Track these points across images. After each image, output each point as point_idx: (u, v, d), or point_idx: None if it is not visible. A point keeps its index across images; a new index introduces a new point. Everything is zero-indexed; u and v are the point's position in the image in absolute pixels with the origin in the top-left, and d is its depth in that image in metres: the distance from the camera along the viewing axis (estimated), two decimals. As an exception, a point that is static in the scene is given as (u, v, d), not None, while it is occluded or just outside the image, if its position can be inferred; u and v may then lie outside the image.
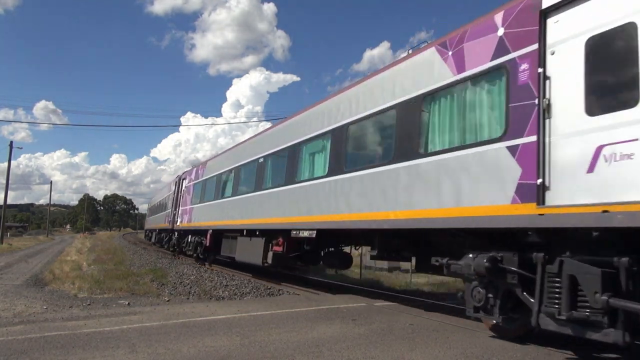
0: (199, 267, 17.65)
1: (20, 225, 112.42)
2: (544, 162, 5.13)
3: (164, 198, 30.57)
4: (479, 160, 6.00)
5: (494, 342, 6.29)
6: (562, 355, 5.72)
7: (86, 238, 52.86)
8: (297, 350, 5.61)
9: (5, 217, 45.69)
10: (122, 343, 5.74)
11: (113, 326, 6.74)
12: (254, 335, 6.36)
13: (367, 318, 7.87)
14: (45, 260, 21.22)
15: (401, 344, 6.04)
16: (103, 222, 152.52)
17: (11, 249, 31.00)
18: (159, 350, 5.44)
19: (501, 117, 5.83)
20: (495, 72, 5.98)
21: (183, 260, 21.21)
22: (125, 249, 29.18)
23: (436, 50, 7.07)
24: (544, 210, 5.03)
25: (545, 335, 5.94)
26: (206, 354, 5.36)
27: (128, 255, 23.76)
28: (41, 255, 25.45)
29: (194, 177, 21.70)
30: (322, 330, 6.79)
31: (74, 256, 22.46)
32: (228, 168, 16.38)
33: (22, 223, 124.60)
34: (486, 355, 5.56)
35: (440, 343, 6.12)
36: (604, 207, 4.43)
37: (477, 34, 6.34)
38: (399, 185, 7.36)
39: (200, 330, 6.58)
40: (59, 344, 5.61)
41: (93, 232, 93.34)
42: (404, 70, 7.84)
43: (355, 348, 5.75)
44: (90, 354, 5.23)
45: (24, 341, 5.76)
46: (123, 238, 56.77)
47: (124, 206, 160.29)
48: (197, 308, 8.67)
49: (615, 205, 4.37)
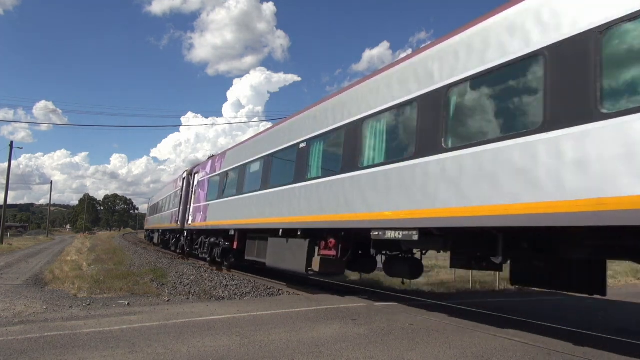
0: (199, 267, 17.59)
1: (20, 225, 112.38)
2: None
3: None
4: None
5: (494, 342, 6.29)
6: (561, 354, 5.72)
7: (86, 238, 52.87)
8: (297, 350, 5.61)
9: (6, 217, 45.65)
10: (122, 343, 5.74)
11: (113, 326, 6.74)
12: (254, 335, 6.36)
13: (367, 318, 7.87)
14: (45, 260, 21.21)
15: (401, 344, 6.04)
16: (103, 222, 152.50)
17: (11, 249, 30.98)
18: (158, 350, 5.44)
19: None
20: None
21: (193, 263, 19.96)
22: (125, 249, 29.17)
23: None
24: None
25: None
26: (206, 354, 5.36)
27: (128, 255, 23.74)
28: (41, 255, 25.44)
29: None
30: (322, 330, 6.79)
31: (74, 256, 22.44)
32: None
33: (22, 223, 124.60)
34: (486, 355, 5.56)
35: (440, 343, 6.12)
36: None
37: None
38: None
39: (200, 330, 6.58)
40: (59, 344, 5.61)
41: (93, 232, 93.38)
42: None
43: (355, 348, 5.75)
44: (90, 354, 5.23)
45: (23, 341, 5.75)
46: (123, 238, 56.76)
47: (124, 206, 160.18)
48: (197, 308, 8.66)
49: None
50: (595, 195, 4.56)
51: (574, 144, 4.79)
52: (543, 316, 8.24)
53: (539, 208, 5.07)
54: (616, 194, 4.40)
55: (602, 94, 4.64)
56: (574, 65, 4.94)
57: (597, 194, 4.55)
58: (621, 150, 4.37)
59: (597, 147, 4.58)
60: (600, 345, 6.25)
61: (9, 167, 41.66)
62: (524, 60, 5.55)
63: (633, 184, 4.27)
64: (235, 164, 15.77)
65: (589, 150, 4.64)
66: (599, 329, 7.41)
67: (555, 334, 7.01)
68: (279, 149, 12.31)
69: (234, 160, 16.00)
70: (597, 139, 4.59)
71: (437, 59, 6.97)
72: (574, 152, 4.78)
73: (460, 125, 6.58)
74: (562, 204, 4.85)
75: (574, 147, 4.79)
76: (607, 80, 4.67)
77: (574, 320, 8.47)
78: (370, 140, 8.41)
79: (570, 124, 4.86)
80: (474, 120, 6.37)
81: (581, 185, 4.69)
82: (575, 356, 5.70)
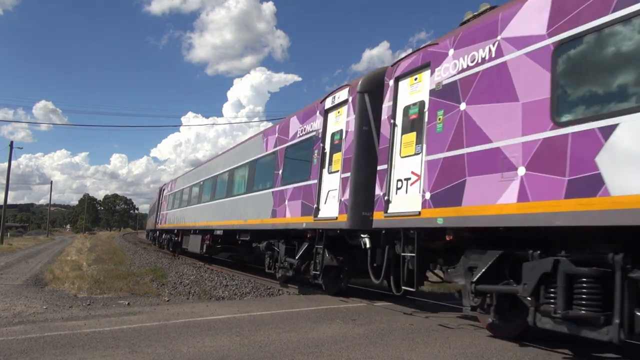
0: (198, 267, 17.66)
1: (20, 225, 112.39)
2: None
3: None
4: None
5: (494, 342, 6.29)
6: (561, 355, 5.72)
7: (86, 238, 52.87)
8: (297, 350, 5.61)
9: (6, 217, 45.65)
10: (122, 343, 5.74)
11: (113, 326, 6.74)
12: (254, 335, 6.36)
13: (367, 318, 7.87)
14: (45, 260, 21.20)
15: (401, 344, 6.04)
16: (103, 222, 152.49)
17: (11, 249, 30.98)
18: (158, 350, 5.44)
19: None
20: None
21: (192, 263, 20.80)
22: (125, 249, 29.17)
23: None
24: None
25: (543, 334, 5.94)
26: (206, 354, 5.36)
27: (128, 255, 23.73)
28: (41, 255, 25.44)
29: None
30: (321, 330, 6.79)
31: (74, 256, 22.43)
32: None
33: (22, 223, 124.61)
34: (486, 355, 5.56)
35: (440, 343, 6.12)
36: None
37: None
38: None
39: (200, 330, 6.58)
40: (59, 344, 5.61)
41: (93, 232, 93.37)
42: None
43: (355, 348, 5.75)
44: (90, 354, 5.23)
45: (23, 341, 5.76)
46: (123, 238, 56.75)
47: (124, 206, 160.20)
48: (197, 308, 8.67)
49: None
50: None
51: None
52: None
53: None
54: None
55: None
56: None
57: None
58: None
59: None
60: (600, 345, 6.24)
61: (9, 167, 41.72)
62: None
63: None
64: (180, 187, 25.42)
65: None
66: (598, 329, 7.39)
67: (555, 333, 7.00)
68: (193, 183, 22.19)
69: (180, 184, 25.78)
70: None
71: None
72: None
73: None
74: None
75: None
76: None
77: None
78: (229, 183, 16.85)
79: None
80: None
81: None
82: (575, 356, 5.70)
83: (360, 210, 8.47)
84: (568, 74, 5.06)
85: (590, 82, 4.87)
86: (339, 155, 9.30)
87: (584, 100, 4.85)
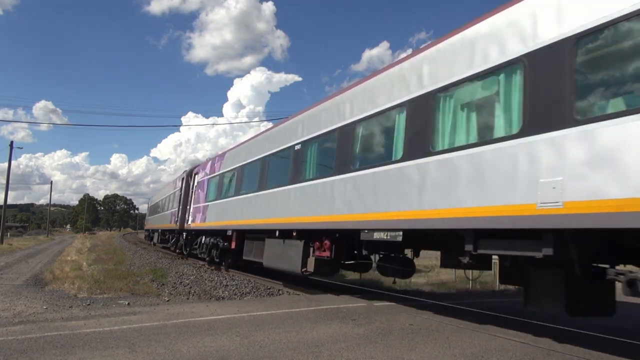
0: (198, 267, 17.59)
1: (20, 225, 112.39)
2: None
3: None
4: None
5: (494, 342, 6.29)
6: (561, 355, 5.72)
7: (86, 238, 52.89)
8: (297, 350, 5.61)
9: (6, 217, 45.66)
10: (122, 343, 5.74)
11: (113, 326, 6.74)
12: (254, 335, 6.37)
13: (367, 318, 7.87)
14: (45, 260, 21.21)
15: (401, 344, 6.05)
16: (103, 222, 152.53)
17: (11, 249, 30.99)
18: (158, 350, 5.44)
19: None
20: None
21: (192, 263, 19.92)
22: (125, 249, 29.18)
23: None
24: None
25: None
26: (206, 354, 5.36)
27: (128, 255, 23.74)
28: (41, 255, 25.44)
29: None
30: (321, 330, 6.79)
31: (74, 256, 22.44)
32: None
33: (22, 223, 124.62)
34: (486, 355, 5.56)
35: (440, 343, 6.13)
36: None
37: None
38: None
39: (200, 330, 6.59)
40: (59, 344, 5.61)
41: (93, 232, 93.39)
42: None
43: (355, 348, 5.76)
44: (90, 354, 5.23)
45: (23, 341, 5.76)
46: (123, 238, 56.77)
47: (124, 206, 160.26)
48: (197, 308, 8.67)
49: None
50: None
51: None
52: (542, 316, 8.24)
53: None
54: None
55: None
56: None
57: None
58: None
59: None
60: (600, 346, 6.25)
61: (9, 167, 41.71)
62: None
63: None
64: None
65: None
66: (598, 329, 7.41)
67: (555, 334, 7.02)
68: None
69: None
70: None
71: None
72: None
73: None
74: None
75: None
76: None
77: (573, 320, 8.46)
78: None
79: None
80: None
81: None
82: (575, 356, 5.70)
83: (183, 222, 21.89)
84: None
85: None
86: (178, 198, 24.67)
87: None
